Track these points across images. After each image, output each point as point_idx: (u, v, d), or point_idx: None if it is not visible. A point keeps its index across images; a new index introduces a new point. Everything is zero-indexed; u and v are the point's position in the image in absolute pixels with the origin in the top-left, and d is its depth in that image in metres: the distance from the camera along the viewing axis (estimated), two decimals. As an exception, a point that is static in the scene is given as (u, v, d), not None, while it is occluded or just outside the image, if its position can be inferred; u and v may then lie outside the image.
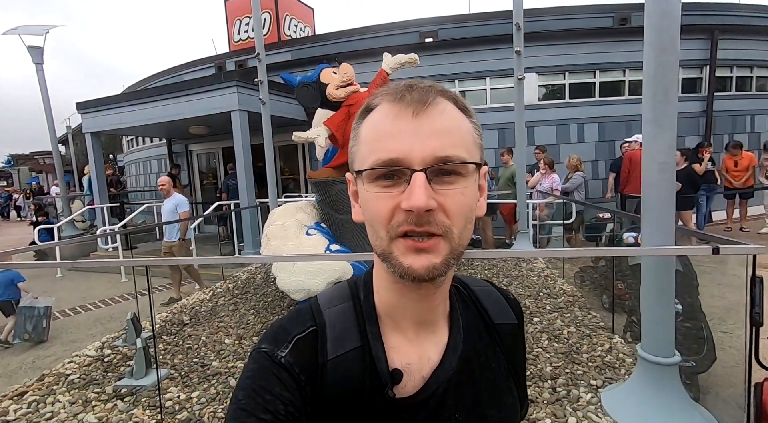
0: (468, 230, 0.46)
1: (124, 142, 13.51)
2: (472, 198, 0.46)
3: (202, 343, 3.16)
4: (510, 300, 0.64)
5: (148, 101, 7.48)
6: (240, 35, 10.27)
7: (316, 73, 3.86)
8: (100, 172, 8.60)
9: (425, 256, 0.43)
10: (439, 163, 0.43)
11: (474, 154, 0.46)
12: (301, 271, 3.27)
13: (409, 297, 0.50)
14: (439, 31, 7.86)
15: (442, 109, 0.45)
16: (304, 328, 0.50)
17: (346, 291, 0.55)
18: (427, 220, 0.42)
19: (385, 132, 0.44)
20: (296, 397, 0.46)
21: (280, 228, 3.62)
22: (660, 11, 1.72)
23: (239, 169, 6.83)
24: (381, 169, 0.44)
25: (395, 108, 0.45)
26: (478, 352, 0.55)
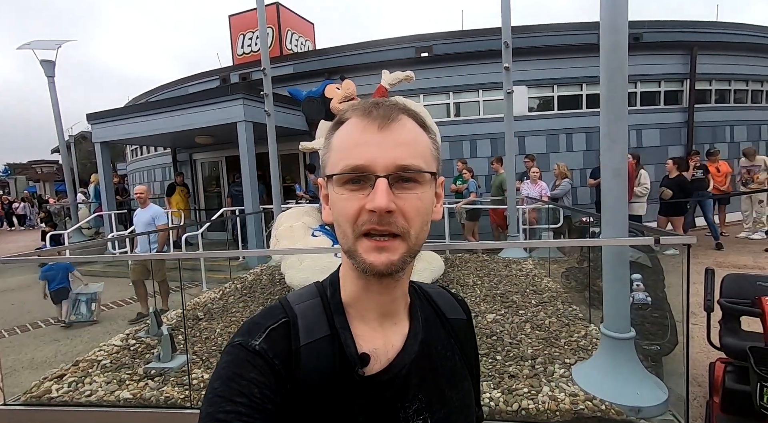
0: (424, 232, 0.53)
1: (128, 151, 13.85)
2: (429, 203, 0.53)
3: (217, 334, 3.47)
4: (459, 300, 0.73)
5: (156, 112, 7.84)
6: (244, 49, 10.69)
7: (321, 89, 4.23)
8: (108, 180, 8.92)
9: (385, 254, 0.50)
10: (399, 170, 0.49)
11: (431, 165, 0.53)
12: (308, 269, 3.59)
13: (371, 290, 0.56)
14: (435, 46, 8.31)
15: (403, 125, 0.52)
16: (277, 320, 0.56)
17: (314, 289, 0.62)
18: (388, 221, 0.49)
19: (354, 142, 0.51)
20: (271, 381, 0.50)
21: (288, 230, 3.96)
22: (610, 30, 2.09)
23: (244, 177, 7.17)
24: (349, 174, 0.50)
25: (363, 122, 0.51)
26: (435, 341, 0.62)
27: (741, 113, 9.31)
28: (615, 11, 2.08)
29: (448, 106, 8.31)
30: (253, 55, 10.33)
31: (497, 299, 4.02)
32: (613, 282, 2.22)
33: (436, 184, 0.55)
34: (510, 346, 2.94)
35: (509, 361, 2.73)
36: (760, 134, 9.56)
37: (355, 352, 0.54)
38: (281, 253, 3.87)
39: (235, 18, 10.74)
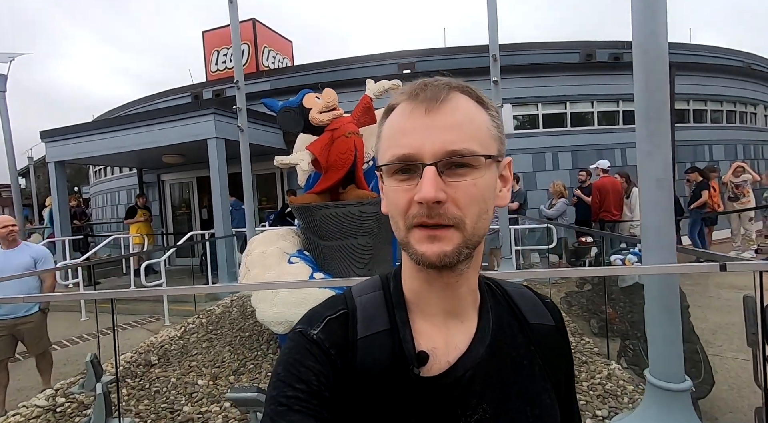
0: (483, 220, 0.48)
1: (92, 173, 12.98)
2: (487, 189, 0.48)
3: (171, 386, 2.86)
4: (547, 303, 0.64)
5: (119, 129, 7.23)
6: (218, 65, 10.27)
7: (299, 98, 3.80)
8: (63, 203, 8.13)
9: (437, 244, 0.47)
10: (449, 156, 0.46)
11: (489, 146, 0.48)
12: (283, 302, 3.05)
13: (433, 285, 0.52)
14: (417, 63, 8.10)
15: (455, 105, 0.47)
16: (336, 311, 0.55)
17: (377, 282, 0.59)
18: (438, 212, 0.46)
19: (400, 129, 0.48)
20: (327, 370, 0.50)
21: (260, 256, 3.42)
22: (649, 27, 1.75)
23: (215, 197, 6.60)
24: (395, 164, 0.48)
25: (410, 106, 0.48)
26: (509, 346, 0.55)
27: (718, 132, 9.45)
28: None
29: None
30: (227, 72, 9.91)
31: (500, 332, 3.56)
32: (662, 319, 1.80)
33: (499, 166, 0.51)
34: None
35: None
36: (736, 153, 9.70)
37: (413, 349, 0.51)
38: (249, 290, 3.33)
39: (209, 34, 10.35)
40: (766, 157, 10.59)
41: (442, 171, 0.45)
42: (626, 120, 8.54)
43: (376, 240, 3.55)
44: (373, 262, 3.55)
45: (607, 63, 8.56)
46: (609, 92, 8.29)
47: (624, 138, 8.40)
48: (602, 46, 8.94)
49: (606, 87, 8.25)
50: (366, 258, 3.50)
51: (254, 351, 3.42)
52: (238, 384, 2.81)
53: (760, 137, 10.52)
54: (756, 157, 10.08)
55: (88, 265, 7.44)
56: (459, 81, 0.50)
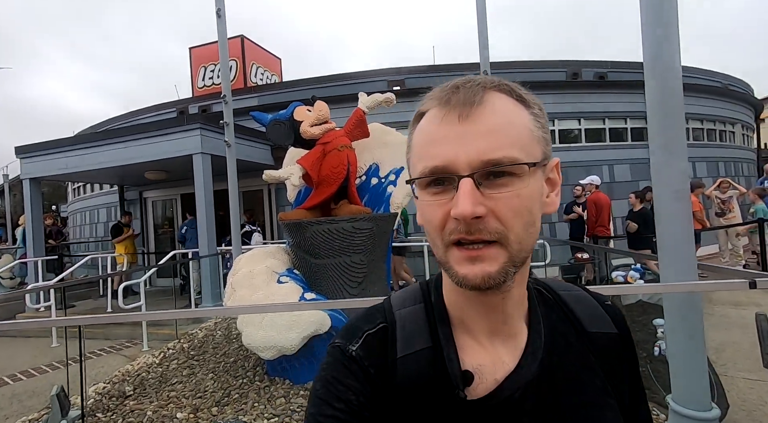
0: (530, 233, 0.44)
1: (70, 190, 12.54)
2: (531, 199, 0.44)
3: (147, 420, 2.59)
4: (608, 307, 0.57)
5: (100, 144, 6.98)
6: (204, 81, 10.15)
7: (290, 111, 3.69)
8: (37, 221, 7.75)
9: (479, 265, 0.43)
10: (486, 166, 0.42)
11: (532, 150, 0.44)
12: (272, 325, 2.85)
13: (475, 303, 0.49)
14: (407, 80, 8.12)
15: (492, 108, 0.43)
16: (375, 325, 0.52)
17: (418, 293, 0.55)
18: (478, 228, 0.42)
19: (431, 138, 0.45)
20: (367, 388, 0.48)
21: (248, 276, 3.22)
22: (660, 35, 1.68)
23: (199, 214, 6.36)
24: (428, 177, 0.44)
25: (441, 112, 0.44)
26: (565, 360, 0.51)
27: (700, 150, 9.66)
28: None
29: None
30: (214, 88, 9.79)
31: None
32: (685, 341, 1.68)
33: (545, 170, 0.47)
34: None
35: None
36: (718, 170, 9.92)
37: (458, 368, 0.47)
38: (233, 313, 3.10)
39: (197, 50, 10.26)
40: (745, 174, 10.86)
41: (479, 182, 0.42)
42: (613, 137, 8.67)
43: (370, 257, 3.39)
44: (368, 280, 3.38)
45: (593, 82, 8.74)
46: (595, 110, 8.43)
47: (611, 155, 8.51)
48: (588, 65, 9.14)
49: (592, 105, 8.39)
50: (360, 276, 3.33)
51: (239, 378, 3.17)
52: (222, 417, 2.57)
53: (739, 155, 10.81)
54: (736, 174, 10.32)
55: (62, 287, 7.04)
56: (496, 78, 0.46)
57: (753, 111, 11.87)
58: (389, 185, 3.85)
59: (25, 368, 5.00)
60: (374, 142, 4.00)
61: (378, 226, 3.39)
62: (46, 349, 5.74)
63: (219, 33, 5.68)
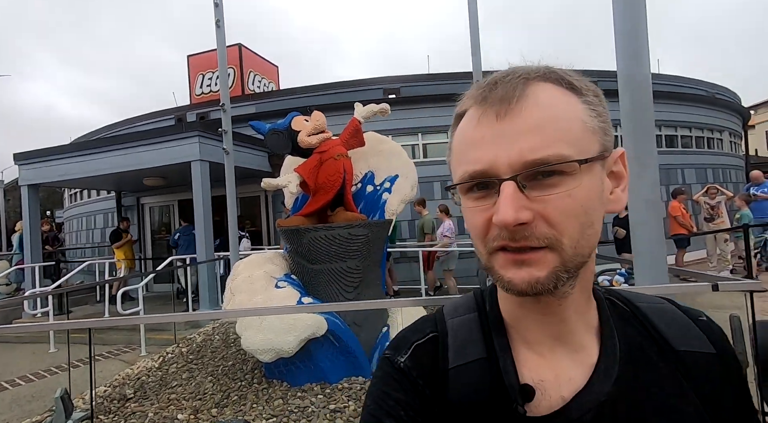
0: (588, 235, 0.40)
1: (66, 196, 12.57)
2: (588, 197, 0.40)
3: (149, 421, 2.68)
4: (702, 322, 0.49)
5: (99, 151, 7.06)
6: (202, 89, 10.27)
7: (288, 121, 3.81)
8: (35, 227, 7.79)
9: (526, 270, 0.39)
10: (530, 167, 0.38)
11: (585, 144, 0.40)
12: (270, 329, 2.95)
13: (531, 311, 0.46)
14: (402, 89, 8.27)
15: (534, 102, 0.40)
16: (424, 335, 0.50)
17: (472, 301, 0.53)
18: (523, 235, 0.39)
19: (470, 141, 0.42)
20: (416, 402, 0.46)
21: (246, 281, 3.32)
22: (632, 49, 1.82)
23: (197, 221, 6.44)
24: (468, 182, 0.42)
25: (478, 112, 0.41)
26: (646, 380, 0.44)
27: (689, 157, 9.88)
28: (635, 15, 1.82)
29: (417, 147, 8.16)
30: (212, 95, 9.91)
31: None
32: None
33: (605, 164, 0.42)
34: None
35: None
36: (706, 177, 10.13)
37: (516, 381, 0.43)
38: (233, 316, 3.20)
39: (194, 58, 10.40)
40: (733, 180, 11.08)
41: (524, 185, 0.38)
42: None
43: (365, 263, 3.50)
44: (363, 285, 3.49)
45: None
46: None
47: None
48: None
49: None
50: (355, 281, 3.44)
51: (238, 381, 3.26)
52: (222, 417, 2.66)
53: (727, 162, 11.05)
54: (724, 181, 10.53)
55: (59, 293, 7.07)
56: (543, 67, 0.42)
57: (741, 118, 12.15)
58: (384, 192, 3.97)
59: (24, 373, 5.05)
60: (369, 151, 4.12)
61: (373, 232, 3.50)
62: (44, 354, 5.77)
63: (218, 43, 5.81)
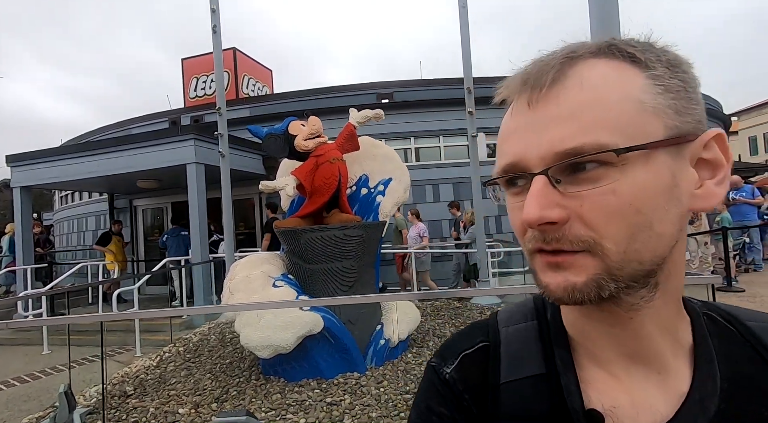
0: (645, 239, 0.33)
1: (57, 198, 12.49)
2: (640, 194, 0.33)
3: (151, 416, 2.76)
4: None
5: (92, 154, 7.10)
6: (196, 92, 10.33)
7: (285, 125, 3.92)
8: (27, 229, 7.78)
9: (562, 275, 0.35)
10: (562, 159, 0.33)
11: (636, 129, 0.32)
12: (268, 326, 3.05)
13: (597, 320, 0.39)
14: (395, 94, 8.43)
15: (574, 84, 0.34)
16: (473, 344, 0.46)
17: (530, 308, 0.47)
18: (554, 236, 0.34)
19: (503, 132, 0.39)
20: (460, 418, 0.42)
21: (245, 280, 3.42)
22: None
23: (192, 223, 6.51)
24: (501, 177, 0.38)
25: (515, 99, 0.38)
26: (757, 417, 0.36)
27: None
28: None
29: (409, 151, 8.32)
30: (206, 98, 9.98)
31: (481, 352, 3.64)
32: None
33: (686, 150, 0.35)
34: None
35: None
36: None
37: (581, 405, 0.38)
38: (232, 310, 3.30)
39: (189, 61, 10.46)
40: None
41: (557, 179, 0.34)
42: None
43: (360, 263, 3.63)
44: (358, 284, 3.61)
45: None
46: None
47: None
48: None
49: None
50: (350, 281, 3.56)
51: (236, 377, 3.35)
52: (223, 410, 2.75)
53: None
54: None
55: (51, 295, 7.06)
56: (602, 40, 0.36)
57: (722, 125, 12.53)
58: (378, 195, 4.10)
59: (18, 375, 5.06)
60: (364, 154, 4.25)
61: (367, 233, 3.63)
62: (38, 356, 5.78)
63: (214, 48, 5.93)
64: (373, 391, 2.92)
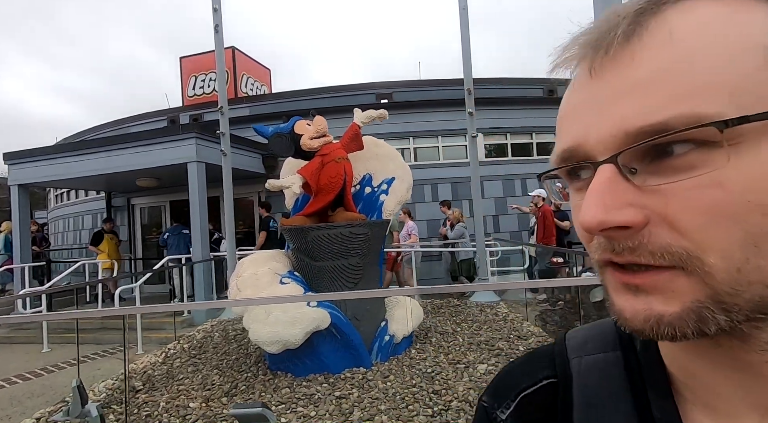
0: (762, 254, 0.23)
1: (52, 197, 12.40)
2: (756, 188, 0.22)
3: (162, 410, 2.81)
4: None
5: (92, 152, 7.09)
6: (195, 90, 10.32)
7: (290, 125, 3.98)
8: (24, 228, 7.74)
9: (643, 299, 0.25)
10: (637, 140, 0.24)
11: (760, 92, 0.22)
12: (277, 322, 3.11)
13: (709, 359, 0.28)
14: (394, 94, 8.51)
15: (661, 34, 0.24)
16: (535, 380, 0.36)
17: (612, 331, 0.35)
18: (627, 246, 0.25)
19: (562, 111, 0.30)
20: None
21: (252, 277, 3.47)
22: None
23: (194, 222, 6.53)
24: (557, 168, 0.30)
25: (576, 67, 0.29)
26: None
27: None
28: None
29: (408, 151, 8.39)
30: (204, 97, 9.98)
31: (483, 347, 3.73)
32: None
33: None
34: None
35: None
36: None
37: None
38: (240, 305, 3.35)
39: (187, 60, 10.44)
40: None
41: (633, 169, 0.25)
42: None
43: (365, 260, 3.69)
44: (363, 281, 3.67)
45: (567, 98, 9.32)
46: (569, 125, 8.99)
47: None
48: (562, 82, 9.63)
49: (567, 120, 8.94)
50: (356, 278, 3.62)
51: (244, 373, 3.40)
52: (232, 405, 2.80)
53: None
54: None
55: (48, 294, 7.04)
56: None
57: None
58: (381, 194, 4.17)
59: (19, 372, 5.06)
60: (367, 154, 4.32)
61: (372, 231, 3.70)
62: (38, 354, 5.77)
63: (216, 47, 5.97)
64: (380, 385, 2.98)
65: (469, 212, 7.85)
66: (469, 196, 7.81)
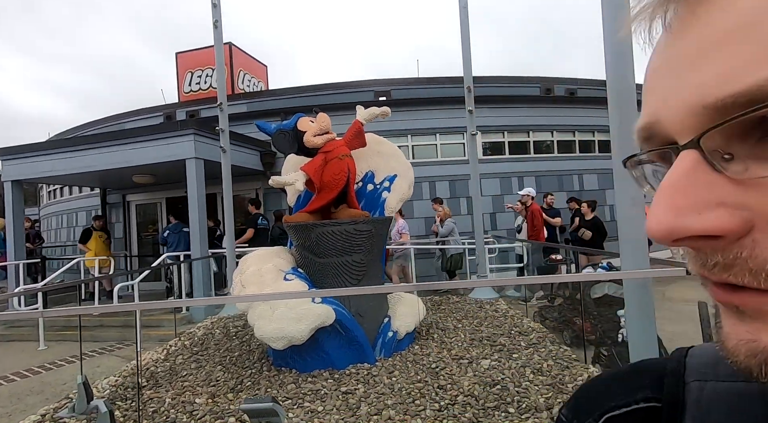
0: None
1: (44, 193, 12.24)
2: None
3: (168, 405, 2.81)
4: None
5: (88, 148, 7.01)
6: (191, 86, 10.23)
7: (293, 122, 3.98)
8: (18, 224, 7.64)
9: (750, 325, 0.20)
10: (729, 115, 0.17)
11: None
12: (282, 318, 3.12)
13: None
14: (392, 91, 8.51)
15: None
16: (629, 401, 0.29)
17: None
18: (721, 261, 0.19)
19: (645, 76, 0.23)
20: None
21: (256, 273, 3.47)
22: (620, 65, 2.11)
23: (192, 219, 6.49)
24: (643, 153, 0.24)
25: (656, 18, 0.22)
26: None
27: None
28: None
29: (406, 149, 8.41)
30: (201, 93, 9.90)
31: (485, 343, 3.78)
32: (639, 320, 2.09)
33: None
34: (519, 395, 2.67)
35: (524, 413, 2.45)
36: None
37: None
38: (245, 301, 3.36)
39: (183, 56, 10.34)
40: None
41: (727, 155, 0.18)
42: (582, 149, 9.32)
43: (368, 257, 3.71)
44: (366, 277, 3.69)
45: (565, 97, 9.39)
46: (566, 123, 9.06)
47: (581, 165, 9.14)
48: (560, 82, 9.82)
49: (563, 118, 9.02)
50: (360, 274, 3.64)
51: (248, 369, 3.41)
52: (238, 402, 2.81)
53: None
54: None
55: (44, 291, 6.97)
56: None
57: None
58: (384, 191, 4.19)
59: (17, 370, 5.01)
60: (369, 151, 4.33)
61: (376, 228, 3.72)
62: (34, 352, 5.72)
63: (215, 43, 5.95)
64: (385, 380, 3.01)
65: (467, 210, 7.90)
66: (466, 194, 7.87)
